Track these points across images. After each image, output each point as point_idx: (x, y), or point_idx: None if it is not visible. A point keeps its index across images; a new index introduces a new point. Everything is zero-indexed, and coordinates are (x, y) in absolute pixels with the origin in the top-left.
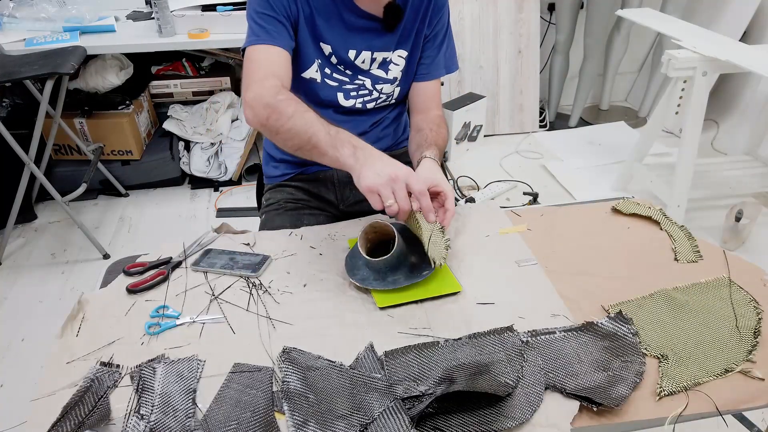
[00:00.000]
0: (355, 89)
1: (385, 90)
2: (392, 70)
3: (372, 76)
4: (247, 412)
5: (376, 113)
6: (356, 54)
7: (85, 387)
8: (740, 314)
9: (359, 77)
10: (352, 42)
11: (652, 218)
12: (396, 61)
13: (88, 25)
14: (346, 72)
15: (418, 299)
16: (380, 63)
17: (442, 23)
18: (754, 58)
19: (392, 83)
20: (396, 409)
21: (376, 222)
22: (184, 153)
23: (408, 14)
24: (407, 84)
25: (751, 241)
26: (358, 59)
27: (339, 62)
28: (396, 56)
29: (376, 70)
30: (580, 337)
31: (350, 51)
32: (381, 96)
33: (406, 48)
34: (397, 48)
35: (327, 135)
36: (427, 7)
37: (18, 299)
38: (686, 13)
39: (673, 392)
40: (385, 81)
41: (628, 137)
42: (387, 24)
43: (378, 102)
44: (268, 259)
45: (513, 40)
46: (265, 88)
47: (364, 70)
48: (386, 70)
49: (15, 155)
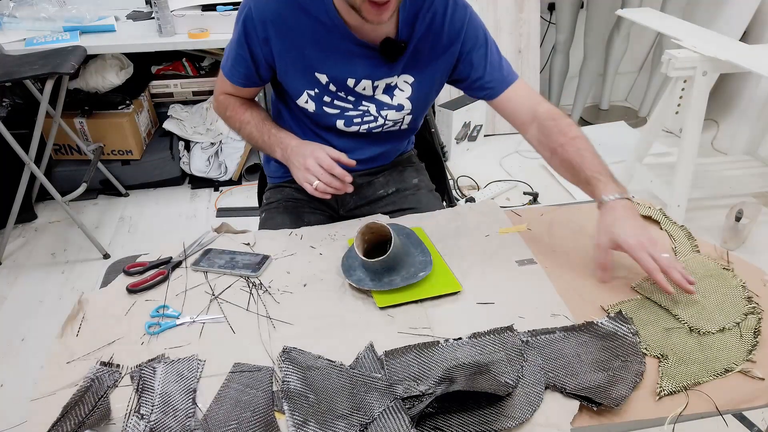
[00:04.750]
0: (359, 115)
1: (391, 117)
2: (397, 95)
3: (377, 102)
4: (247, 411)
5: (383, 141)
6: (356, 82)
7: (85, 387)
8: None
9: (363, 103)
10: (351, 70)
11: (652, 218)
12: (401, 87)
13: (88, 25)
14: (348, 98)
15: (418, 299)
16: (384, 89)
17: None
18: (754, 58)
19: (397, 110)
20: (396, 408)
21: (373, 223)
22: (184, 153)
23: (419, 37)
24: (420, 112)
25: (751, 241)
26: (359, 86)
27: (339, 89)
28: (401, 81)
29: (381, 95)
30: (580, 337)
31: (349, 79)
32: (387, 122)
33: (413, 73)
34: (403, 73)
35: (263, 142)
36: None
37: (18, 299)
38: (686, 12)
39: (673, 392)
40: (390, 107)
41: (628, 137)
42: (385, 56)
43: (385, 127)
44: (268, 258)
45: (513, 39)
46: (218, 102)
47: (367, 96)
48: (391, 96)
49: (15, 155)
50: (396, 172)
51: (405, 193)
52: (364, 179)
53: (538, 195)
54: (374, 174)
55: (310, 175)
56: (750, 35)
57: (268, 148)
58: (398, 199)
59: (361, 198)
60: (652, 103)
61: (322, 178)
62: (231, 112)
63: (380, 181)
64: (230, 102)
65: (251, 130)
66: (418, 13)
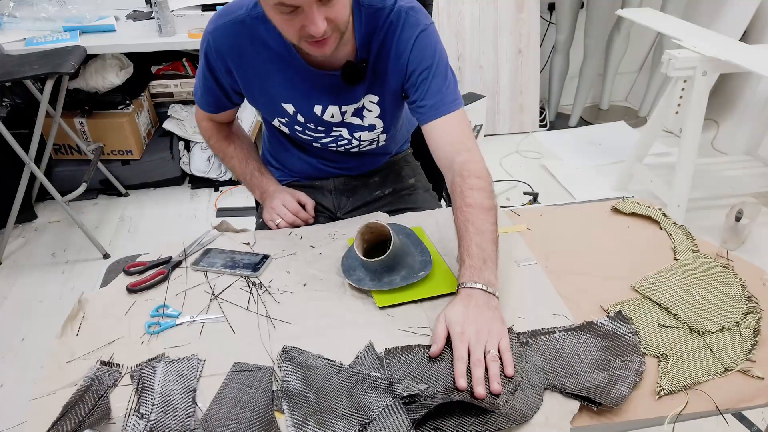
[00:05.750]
0: (333, 140)
1: (364, 137)
2: (366, 116)
3: (348, 125)
4: (247, 411)
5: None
6: (322, 109)
7: (85, 386)
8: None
9: (334, 129)
10: (316, 98)
11: (651, 218)
12: (369, 107)
13: (88, 25)
14: (318, 128)
15: (418, 299)
16: (353, 112)
17: (417, 59)
18: (754, 58)
19: (369, 130)
20: (395, 408)
21: (373, 222)
22: (184, 153)
23: (375, 55)
24: (392, 129)
25: (751, 241)
26: (326, 114)
27: (307, 120)
28: (368, 102)
29: (351, 118)
30: (579, 337)
31: (315, 107)
32: (363, 142)
33: (377, 92)
34: (368, 93)
35: (245, 181)
36: (392, 49)
37: (18, 299)
38: (686, 12)
39: (673, 391)
40: (362, 128)
41: (628, 137)
42: (347, 81)
43: (362, 147)
44: (268, 258)
45: (513, 39)
46: (203, 128)
47: (336, 122)
48: (361, 117)
49: (15, 155)
50: (392, 172)
51: (401, 193)
52: (360, 180)
53: (538, 195)
54: (369, 175)
55: (275, 215)
56: (750, 35)
57: (248, 187)
58: (395, 199)
59: (358, 199)
60: (652, 103)
61: (285, 218)
62: (215, 142)
63: (376, 181)
64: (214, 132)
65: (235, 164)
66: (374, 32)
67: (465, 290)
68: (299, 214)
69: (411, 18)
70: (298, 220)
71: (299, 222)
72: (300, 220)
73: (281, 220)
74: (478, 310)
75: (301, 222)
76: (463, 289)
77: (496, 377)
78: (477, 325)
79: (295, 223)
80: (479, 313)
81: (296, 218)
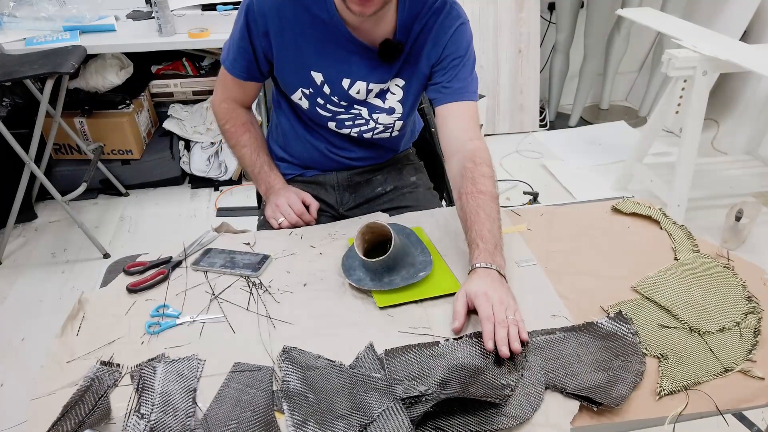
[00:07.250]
0: (351, 119)
1: (382, 120)
2: (389, 99)
3: (369, 105)
4: (247, 411)
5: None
6: (350, 83)
7: (86, 386)
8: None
9: (355, 106)
10: (347, 71)
11: (652, 218)
12: (393, 90)
13: (88, 25)
14: (340, 103)
15: (418, 299)
16: (377, 93)
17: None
18: (754, 57)
19: (389, 113)
20: (396, 409)
21: (373, 222)
22: (184, 152)
23: (414, 40)
24: (408, 116)
25: (751, 240)
26: (353, 89)
27: (332, 92)
28: (393, 85)
29: (373, 99)
30: (580, 337)
31: (344, 80)
32: (378, 126)
33: (405, 76)
34: (396, 76)
35: (253, 173)
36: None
37: (18, 299)
38: (686, 12)
39: (673, 392)
40: (381, 110)
41: (628, 137)
42: (383, 59)
43: (375, 132)
44: (268, 258)
45: (513, 39)
46: (221, 110)
47: (359, 100)
48: (383, 99)
49: (15, 155)
50: (394, 170)
51: (403, 191)
52: (363, 177)
53: (538, 195)
54: (372, 172)
55: (279, 213)
56: (750, 35)
57: (254, 179)
58: (396, 196)
59: (360, 196)
60: (652, 103)
61: (289, 218)
62: (231, 127)
63: (378, 179)
64: (232, 116)
65: (246, 153)
66: (417, 15)
67: (482, 269)
68: (303, 216)
69: (454, 10)
70: (300, 222)
71: (301, 223)
72: (302, 221)
73: (284, 219)
74: (497, 284)
75: (303, 224)
76: (480, 268)
77: (516, 339)
78: (498, 293)
79: (298, 224)
80: (498, 286)
81: (299, 219)
